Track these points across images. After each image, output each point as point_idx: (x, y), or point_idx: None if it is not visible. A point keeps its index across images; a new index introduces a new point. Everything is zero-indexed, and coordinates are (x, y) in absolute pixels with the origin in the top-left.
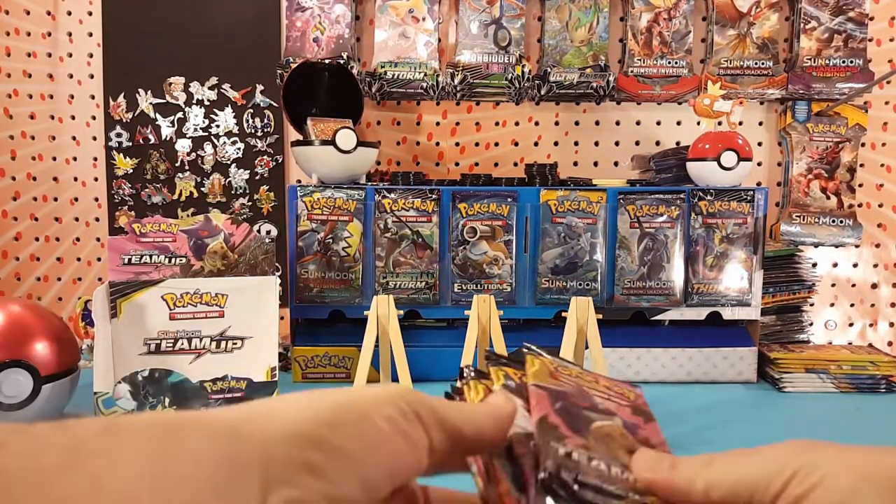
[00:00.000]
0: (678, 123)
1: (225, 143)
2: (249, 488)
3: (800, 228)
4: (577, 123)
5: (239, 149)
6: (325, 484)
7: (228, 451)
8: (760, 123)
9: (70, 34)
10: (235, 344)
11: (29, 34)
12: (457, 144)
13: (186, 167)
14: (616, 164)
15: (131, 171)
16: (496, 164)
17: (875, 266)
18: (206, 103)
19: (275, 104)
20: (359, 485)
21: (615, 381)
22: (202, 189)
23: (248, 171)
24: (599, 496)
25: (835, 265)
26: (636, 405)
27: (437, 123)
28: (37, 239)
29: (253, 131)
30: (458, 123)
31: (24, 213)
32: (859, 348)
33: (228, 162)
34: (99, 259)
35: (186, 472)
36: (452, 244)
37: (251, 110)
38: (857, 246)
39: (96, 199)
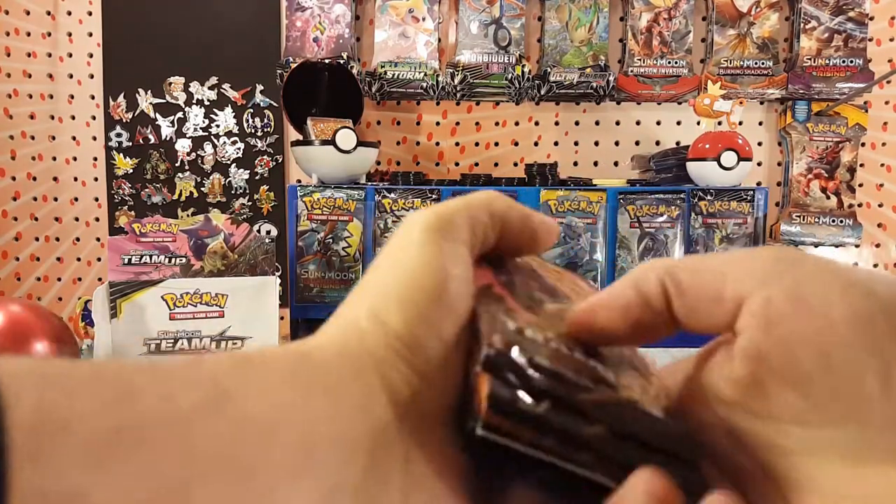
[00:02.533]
0: (678, 123)
1: (225, 143)
2: (382, 408)
3: (800, 228)
4: (577, 123)
5: (239, 149)
6: (423, 378)
7: (355, 373)
8: (760, 123)
9: (70, 34)
10: (235, 344)
11: (29, 34)
12: (457, 144)
13: (186, 167)
14: (616, 164)
15: (131, 171)
16: (496, 164)
17: (875, 266)
18: (206, 103)
19: (275, 104)
20: (443, 337)
21: (572, 274)
22: (202, 189)
23: (248, 171)
24: (560, 385)
25: None
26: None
27: (437, 123)
28: (37, 239)
29: (253, 131)
30: (458, 123)
31: (24, 213)
32: None
33: (228, 162)
34: (99, 259)
35: (328, 403)
36: None
37: (251, 110)
38: (857, 246)
39: (96, 199)
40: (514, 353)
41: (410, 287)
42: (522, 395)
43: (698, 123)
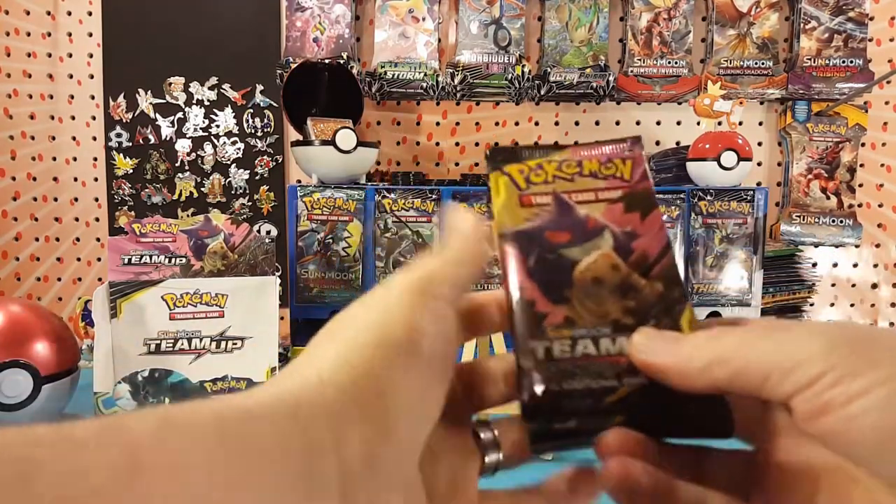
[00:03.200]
0: (678, 123)
1: (225, 143)
2: (326, 468)
3: (800, 228)
4: (577, 123)
5: (239, 149)
6: (385, 433)
7: (296, 433)
8: (760, 123)
9: (70, 34)
10: (235, 344)
11: (29, 34)
12: (457, 144)
13: (186, 167)
14: None
15: (131, 171)
16: None
17: (875, 266)
18: (206, 103)
19: (275, 104)
20: (413, 425)
21: (607, 150)
22: (202, 189)
23: (248, 171)
24: (589, 399)
25: (835, 265)
26: (632, 189)
27: (437, 123)
28: (37, 239)
29: (253, 131)
30: (458, 123)
31: (24, 213)
32: None
33: (228, 162)
34: (99, 259)
35: (256, 479)
36: None
37: (251, 110)
38: (857, 246)
39: (96, 200)
40: (548, 387)
41: (381, 341)
42: (556, 425)
43: (698, 123)
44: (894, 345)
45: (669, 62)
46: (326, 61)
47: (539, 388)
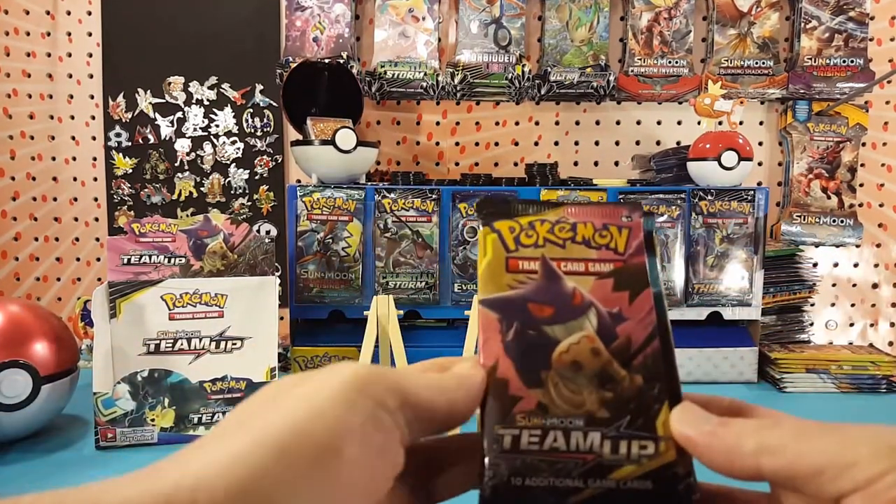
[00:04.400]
0: (679, 123)
1: (224, 142)
2: None
3: (800, 228)
4: (577, 123)
5: (238, 149)
6: None
7: None
8: (761, 123)
9: (69, 34)
10: (235, 344)
11: (28, 34)
12: (457, 144)
13: (186, 167)
14: (616, 163)
15: (131, 171)
16: (496, 164)
17: (876, 266)
18: (206, 103)
19: (274, 104)
20: None
21: (604, 214)
22: (202, 189)
23: (248, 171)
24: (551, 498)
25: (835, 265)
26: (625, 263)
27: (437, 123)
28: (36, 239)
29: (252, 131)
30: (458, 123)
31: (23, 212)
32: (860, 348)
33: (228, 162)
34: (98, 259)
35: None
36: (452, 244)
37: (251, 110)
38: (857, 246)
39: (95, 199)
40: (509, 481)
41: (291, 442)
42: None
43: (699, 123)
44: None
45: (670, 62)
46: (326, 61)
47: (501, 482)
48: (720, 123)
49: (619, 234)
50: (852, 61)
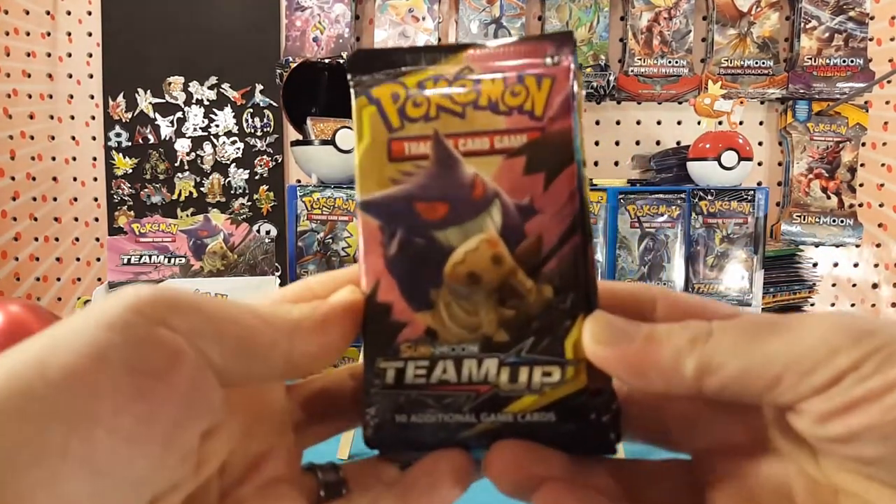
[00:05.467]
0: (679, 123)
1: (224, 142)
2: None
3: (800, 228)
4: None
5: (238, 149)
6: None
7: None
8: (761, 123)
9: (69, 34)
10: None
11: (28, 34)
12: None
13: (186, 167)
14: (616, 163)
15: (131, 171)
16: None
17: (876, 266)
18: (206, 103)
19: (274, 104)
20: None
21: (524, 51)
22: (202, 189)
23: (248, 171)
24: (441, 433)
25: (835, 265)
26: (544, 129)
27: None
28: (36, 239)
29: (252, 131)
30: None
31: (23, 213)
32: None
33: (228, 162)
34: (98, 259)
35: None
36: None
37: (251, 110)
38: (857, 246)
39: (95, 199)
40: (393, 418)
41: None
42: (401, 454)
43: (699, 123)
44: None
45: (670, 62)
46: (326, 61)
47: (384, 420)
48: (720, 123)
49: (537, 87)
50: (852, 61)
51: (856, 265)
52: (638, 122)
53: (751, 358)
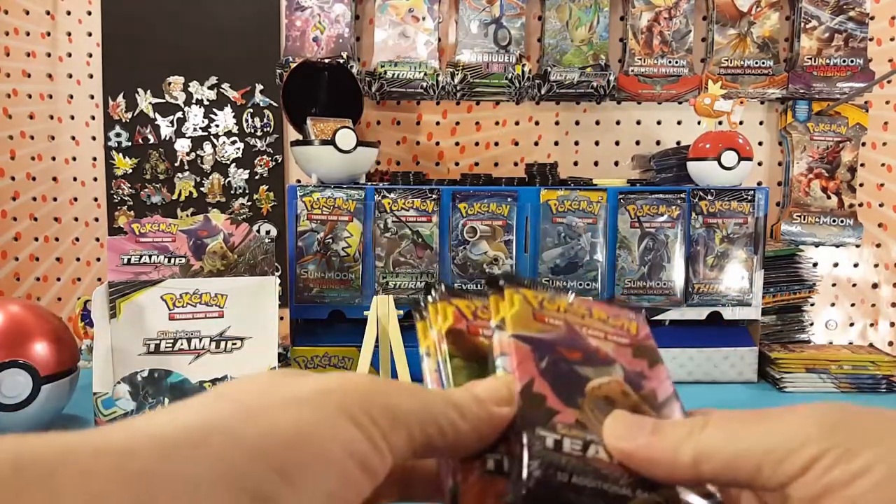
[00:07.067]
0: (679, 123)
1: (224, 142)
2: None
3: (800, 228)
4: (577, 123)
5: (238, 149)
6: None
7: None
8: (761, 123)
9: (69, 34)
10: (235, 344)
11: (28, 34)
12: (457, 144)
13: (186, 167)
14: (616, 163)
15: (130, 171)
16: (496, 164)
17: (876, 266)
18: (206, 103)
19: (274, 104)
20: None
21: (613, 309)
22: (202, 189)
23: (248, 171)
24: (600, 500)
25: (835, 265)
26: (638, 342)
27: (437, 123)
28: (36, 239)
29: (252, 131)
30: (458, 123)
31: (23, 213)
32: (860, 348)
33: (228, 162)
34: (98, 259)
35: None
36: (452, 244)
37: (251, 110)
38: (857, 246)
39: (95, 199)
40: (554, 476)
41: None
42: None
43: (699, 123)
44: (883, 418)
45: (670, 61)
46: (326, 61)
47: (546, 474)
48: (720, 123)
49: (629, 322)
50: (852, 61)
51: (856, 265)
52: (638, 122)
53: (737, 447)
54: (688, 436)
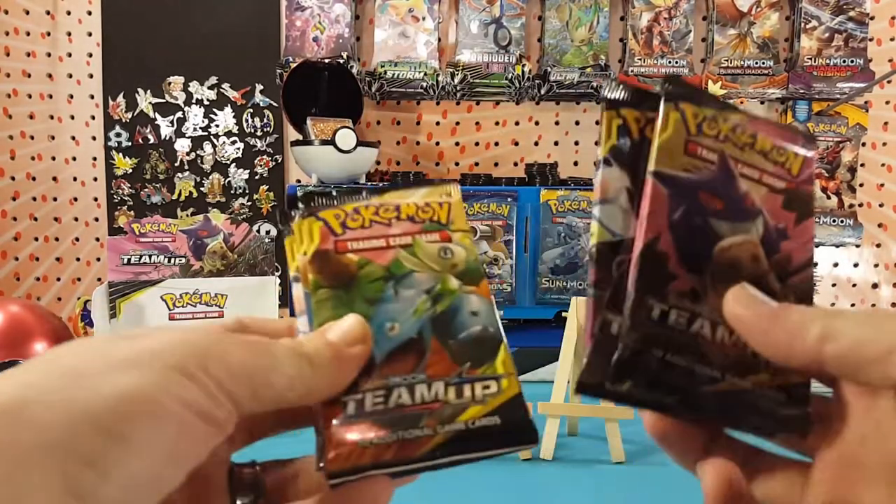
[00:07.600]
0: None
1: (224, 142)
2: (34, 483)
3: None
4: (577, 123)
5: (238, 148)
6: (107, 482)
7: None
8: None
9: (69, 34)
10: None
11: (28, 34)
12: (457, 144)
13: (186, 167)
14: None
15: (131, 170)
16: (496, 164)
17: (876, 266)
18: (206, 103)
19: (274, 104)
20: (146, 481)
21: (784, 134)
22: (202, 189)
23: (248, 171)
24: (688, 379)
25: (835, 265)
26: (795, 187)
27: (437, 123)
28: (36, 239)
29: (252, 131)
30: (458, 123)
31: (23, 212)
32: None
33: (228, 162)
34: (98, 259)
35: None
36: None
37: (251, 110)
38: (857, 246)
39: (96, 199)
40: (649, 351)
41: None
42: (638, 390)
43: None
44: None
45: (670, 61)
46: (326, 61)
47: (642, 348)
48: None
49: (794, 158)
50: (852, 61)
51: (856, 265)
52: None
53: (867, 331)
54: (819, 316)
